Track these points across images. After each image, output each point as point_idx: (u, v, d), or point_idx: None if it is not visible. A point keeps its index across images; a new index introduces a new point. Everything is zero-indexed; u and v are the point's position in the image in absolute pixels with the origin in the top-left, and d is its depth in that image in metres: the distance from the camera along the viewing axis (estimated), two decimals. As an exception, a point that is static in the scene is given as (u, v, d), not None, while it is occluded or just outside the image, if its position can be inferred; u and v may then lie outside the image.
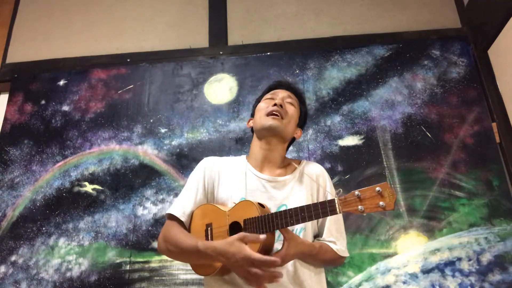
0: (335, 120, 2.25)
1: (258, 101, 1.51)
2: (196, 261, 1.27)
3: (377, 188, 1.00)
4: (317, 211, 1.08)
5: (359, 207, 1.02)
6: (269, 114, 1.37)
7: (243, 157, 1.47)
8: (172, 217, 1.32)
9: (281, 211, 1.14)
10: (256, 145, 1.42)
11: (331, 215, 1.08)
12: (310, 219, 1.09)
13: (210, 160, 1.44)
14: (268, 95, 1.47)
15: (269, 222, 1.14)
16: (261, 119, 1.39)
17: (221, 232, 1.24)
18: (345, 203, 1.05)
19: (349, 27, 2.52)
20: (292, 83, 1.57)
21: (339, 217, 1.35)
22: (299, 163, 1.43)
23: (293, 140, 1.50)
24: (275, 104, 1.38)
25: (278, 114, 1.37)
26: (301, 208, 1.11)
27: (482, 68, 2.31)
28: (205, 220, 1.29)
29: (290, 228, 1.19)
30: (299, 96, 1.51)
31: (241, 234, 1.11)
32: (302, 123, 1.51)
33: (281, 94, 1.45)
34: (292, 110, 1.43)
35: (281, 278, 1.11)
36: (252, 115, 1.50)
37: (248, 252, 1.07)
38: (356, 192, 1.03)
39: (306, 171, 1.39)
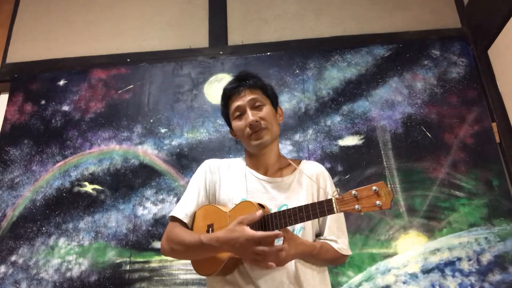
0: (335, 120, 2.25)
1: (225, 113, 1.43)
2: (201, 256, 1.27)
3: (374, 188, 1.02)
4: (314, 210, 1.10)
5: (356, 206, 1.03)
6: (252, 135, 1.33)
7: (243, 158, 1.48)
8: (174, 219, 1.33)
9: (280, 211, 1.15)
10: (249, 151, 1.43)
11: (328, 214, 1.09)
12: (308, 218, 1.11)
13: (211, 162, 1.45)
14: (235, 112, 1.37)
15: (268, 222, 1.15)
16: (249, 143, 1.36)
17: None
18: (342, 203, 1.06)
19: (349, 27, 2.52)
20: (243, 75, 1.40)
21: (340, 216, 1.35)
22: (299, 163, 1.43)
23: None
24: (250, 125, 1.32)
25: (259, 129, 1.33)
26: (299, 208, 1.12)
27: (482, 68, 2.31)
28: (207, 221, 1.30)
29: (289, 228, 1.20)
30: (260, 86, 1.39)
31: (239, 217, 1.13)
32: (276, 104, 1.44)
33: (243, 104, 1.35)
34: (265, 111, 1.36)
35: (285, 252, 1.12)
36: (229, 126, 1.45)
37: (250, 233, 1.09)
38: (353, 192, 1.04)
39: (306, 171, 1.39)
